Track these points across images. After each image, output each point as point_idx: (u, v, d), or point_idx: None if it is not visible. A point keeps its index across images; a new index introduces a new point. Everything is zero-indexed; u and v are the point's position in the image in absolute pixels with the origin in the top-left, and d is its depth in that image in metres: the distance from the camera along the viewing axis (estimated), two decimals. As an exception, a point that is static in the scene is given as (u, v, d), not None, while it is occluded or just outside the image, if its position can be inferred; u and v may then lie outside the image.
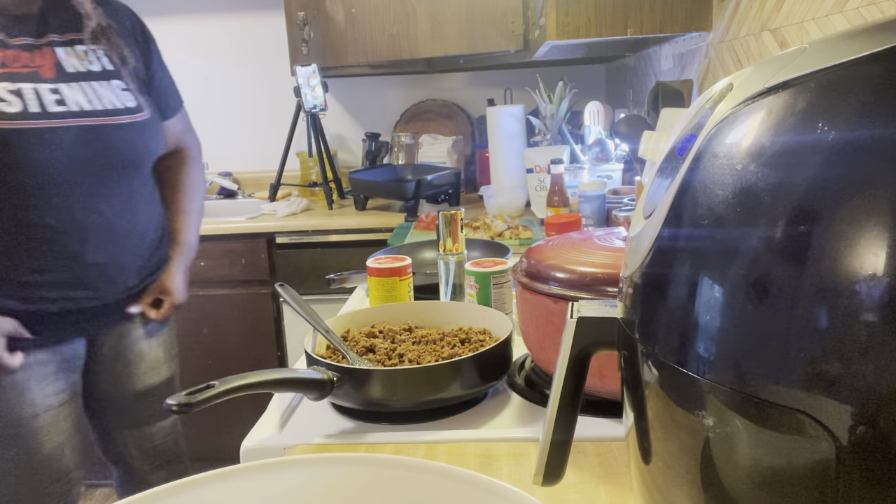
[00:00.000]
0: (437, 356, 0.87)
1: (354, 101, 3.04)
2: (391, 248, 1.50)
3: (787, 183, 0.29)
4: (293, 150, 2.70)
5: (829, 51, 0.31)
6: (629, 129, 1.65)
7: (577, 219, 1.48)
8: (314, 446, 0.78)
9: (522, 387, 0.90)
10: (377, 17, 2.45)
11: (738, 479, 0.32)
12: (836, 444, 0.27)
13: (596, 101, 2.39)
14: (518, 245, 1.74)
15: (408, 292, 1.13)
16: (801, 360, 0.28)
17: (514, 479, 0.69)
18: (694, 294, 0.32)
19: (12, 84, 1.18)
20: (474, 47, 2.41)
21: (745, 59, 1.40)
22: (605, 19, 1.60)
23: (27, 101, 1.18)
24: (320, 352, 0.92)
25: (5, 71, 1.18)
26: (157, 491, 0.41)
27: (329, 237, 2.38)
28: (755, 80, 0.34)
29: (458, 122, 3.00)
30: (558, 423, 0.44)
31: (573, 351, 0.43)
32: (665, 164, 0.39)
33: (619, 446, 0.73)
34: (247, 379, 0.73)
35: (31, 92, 1.19)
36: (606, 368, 0.74)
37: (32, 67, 1.21)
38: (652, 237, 0.36)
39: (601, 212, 1.73)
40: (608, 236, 0.87)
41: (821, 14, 1.07)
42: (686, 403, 0.34)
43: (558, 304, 0.80)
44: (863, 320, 0.26)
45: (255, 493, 0.43)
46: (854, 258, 0.27)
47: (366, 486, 0.43)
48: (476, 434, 0.79)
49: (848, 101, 0.29)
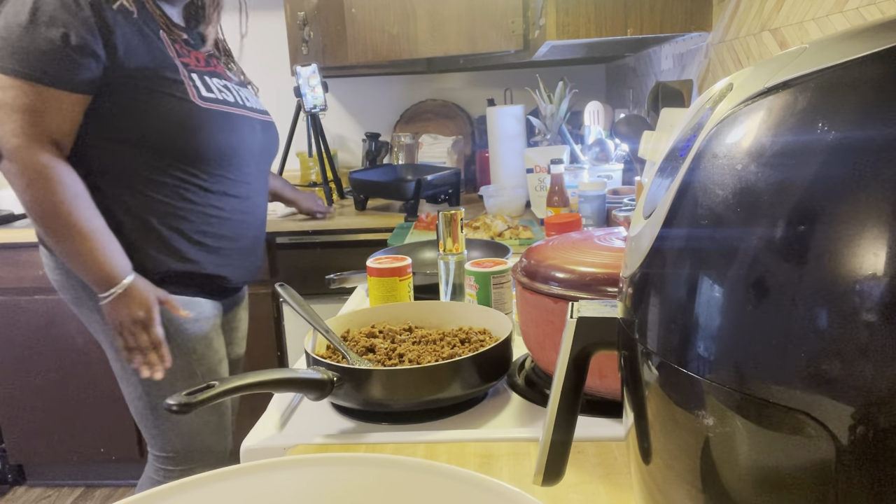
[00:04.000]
0: (437, 356, 0.87)
1: (354, 101, 3.04)
2: (391, 248, 1.50)
3: (787, 183, 0.29)
4: (293, 150, 2.70)
5: (829, 51, 0.31)
6: (629, 129, 1.64)
7: (577, 219, 1.48)
8: (314, 446, 0.78)
9: (522, 387, 0.90)
10: (377, 17, 2.45)
11: (738, 479, 0.32)
12: (836, 444, 0.27)
13: (596, 101, 2.39)
14: (518, 245, 1.74)
15: (408, 292, 1.13)
16: (801, 360, 0.28)
17: (514, 479, 0.68)
18: (694, 294, 0.32)
19: (220, 81, 1.44)
20: (474, 47, 2.41)
21: (745, 59, 1.40)
22: (605, 19, 1.60)
23: (234, 95, 1.45)
24: (320, 352, 0.92)
25: (208, 69, 1.44)
26: (157, 491, 0.41)
27: (329, 237, 2.38)
28: (755, 80, 0.34)
29: (458, 122, 3.00)
30: (558, 423, 0.44)
31: (573, 351, 0.43)
32: (665, 164, 0.39)
33: (619, 446, 0.73)
34: (247, 379, 0.73)
35: (233, 88, 1.47)
36: (606, 368, 0.74)
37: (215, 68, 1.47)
38: (652, 237, 0.36)
39: (601, 212, 1.73)
40: (608, 236, 0.87)
41: (821, 14, 1.07)
42: (686, 403, 0.34)
43: (558, 304, 0.80)
44: (863, 320, 0.26)
45: (255, 493, 0.43)
46: (854, 258, 0.27)
47: (366, 486, 0.43)
48: (476, 434, 0.78)
49: (848, 101, 0.29)
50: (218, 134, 1.37)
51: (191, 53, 1.41)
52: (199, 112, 1.34)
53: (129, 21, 1.28)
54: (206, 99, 1.37)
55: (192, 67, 1.39)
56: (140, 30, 1.31)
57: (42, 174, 1.21)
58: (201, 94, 1.37)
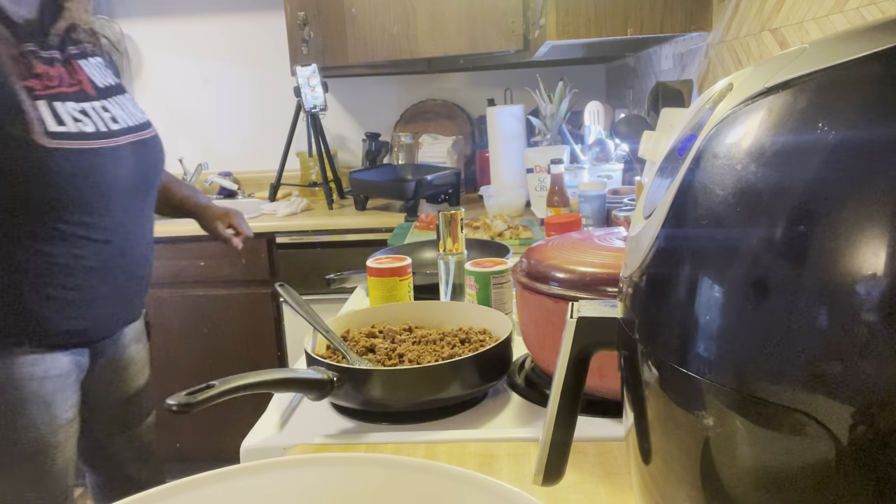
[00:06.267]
0: (437, 356, 0.87)
1: (354, 101, 3.04)
2: (391, 248, 1.50)
3: (787, 183, 0.29)
4: (293, 150, 2.70)
5: (829, 51, 0.31)
6: (629, 129, 1.64)
7: (577, 219, 1.48)
8: (314, 446, 0.78)
9: (522, 387, 0.90)
10: (377, 17, 2.45)
11: (738, 479, 0.32)
12: (836, 444, 0.27)
13: (596, 101, 2.39)
14: (518, 245, 1.74)
15: (408, 292, 1.13)
16: (801, 360, 0.28)
17: (514, 479, 0.68)
18: (694, 294, 0.32)
19: (76, 104, 1.17)
20: (474, 47, 2.41)
21: (745, 59, 1.40)
22: (605, 19, 1.60)
23: (94, 120, 1.18)
24: (320, 352, 0.92)
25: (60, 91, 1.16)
26: (157, 491, 0.41)
27: (329, 237, 2.38)
28: (755, 80, 0.34)
29: (458, 122, 3.00)
30: (558, 423, 0.44)
31: (573, 351, 0.43)
32: (665, 164, 0.39)
33: (619, 446, 0.73)
34: (247, 379, 0.73)
35: (94, 109, 1.20)
36: (606, 368, 0.74)
37: (75, 84, 1.20)
38: (652, 237, 0.36)
39: (601, 212, 1.73)
40: (608, 236, 0.87)
41: (821, 14, 1.07)
42: (686, 403, 0.34)
43: (558, 304, 0.80)
44: (863, 320, 0.26)
45: (255, 493, 0.43)
46: (854, 258, 0.27)
47: (365, 486, 0.43)
48: (476, 434, 0.79)
49: (848, 101, 0.29)
50: (71, 178, 1.12)
51: (39, 67, 1.13)
52: (46, 155, 1.09)
53: None
54: (55, 135, 1.10)
55: (39, 92, 1.11)
56: None
57: None
58: (48, 130, 1.10)
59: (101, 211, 1.18)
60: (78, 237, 1.17)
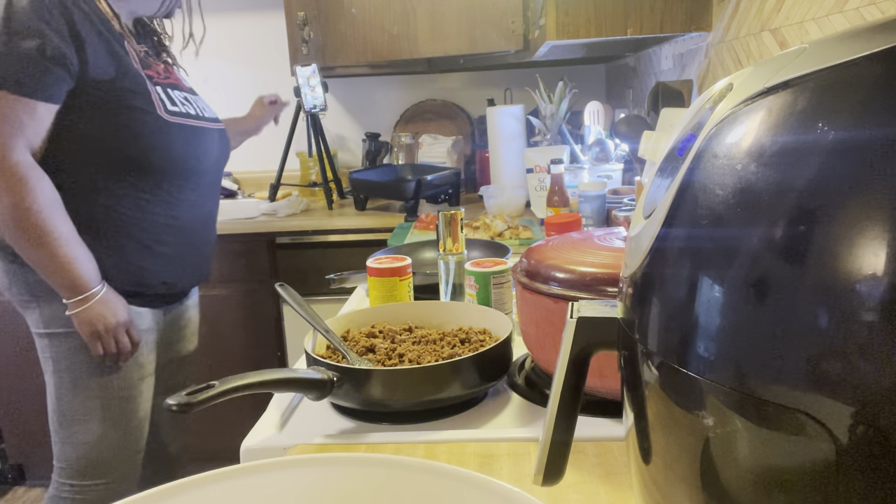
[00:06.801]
0: (437, 356, 0.87)
1: (354, 101, 3.04)
2: (391, 248, 1.50)
3: (787, 183, 0.29)
4: (293, 150, 2.70)
5: (829, 51, 0.31)
6: (629, 129, 1.64)
7: (577, 219, 1.48)
8: (314, 446, 0.78)
9: (522, 387, 0.90)
10: (377, 17, 2.45)
11: (738, 479, 0.32)
12: (836, 443, 0.27)
13: (596, 101, 2.39)
14: (518, 245, 1.74)
15: (408, 292, 1.13)
16: (801, 360, 0.28)
17: (514, 479, 0.68)
18: (694, 294, 0.32)
19: (179, 92, 1.45)
20: (474, 47, 2.41)
21: (745, 59, 1.40)
22: (605, 19, 1.60)
23: (193, 106, 1.47)
24: (320, 352, 0.92)
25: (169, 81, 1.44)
26: (156, 491, 0.41)
27: (329, 237, 2.38)
28: (755, 80, 0.34)
29: (458, 122, 3.00)
30: (558, 423, 0.44)
31: (573, 351, 0.43)
32: (665, 164, 0.39)
33: (619, 446, 0.73)
34: (247, 379, 0.73)
35: (191, 99, 1.49)
36: (606, 368, 0.74)
37: (171, 78, 1.47)
38: (652, 237, 0.36)
39: (601, 212, 1.73)
40: (608, 236, 0.87)
41: (821, 14, 1.07)
42: (686, 403, 0.34)
43: (558, 304, 0.80)
44: (863, 320, 0.26)
45: (255, 493, 0.43)
46: (854, 258, 0.27)
47: (365, 486, 0.43)
48: (476, 434, 0.79)
49: (848, 101, 0.29)
50: (183, 148, 1.39)
51: (152, 65, 1.42)
52: (167, 127, 1.36)
53: (97, 32, 1.29)
54: (172, 113, 1.38)
55: (156, 80, 1.40)
56: (108, 41, 1.31)
57: (21, 180, 1.22)
58: (167, 108, 1.38)
59: (196, 180, 1.45)
60: (178, 200, 1.41)
